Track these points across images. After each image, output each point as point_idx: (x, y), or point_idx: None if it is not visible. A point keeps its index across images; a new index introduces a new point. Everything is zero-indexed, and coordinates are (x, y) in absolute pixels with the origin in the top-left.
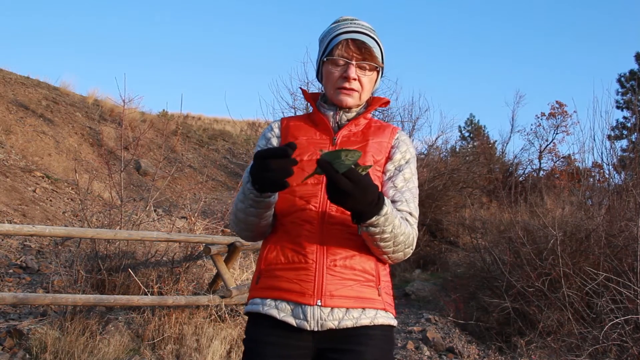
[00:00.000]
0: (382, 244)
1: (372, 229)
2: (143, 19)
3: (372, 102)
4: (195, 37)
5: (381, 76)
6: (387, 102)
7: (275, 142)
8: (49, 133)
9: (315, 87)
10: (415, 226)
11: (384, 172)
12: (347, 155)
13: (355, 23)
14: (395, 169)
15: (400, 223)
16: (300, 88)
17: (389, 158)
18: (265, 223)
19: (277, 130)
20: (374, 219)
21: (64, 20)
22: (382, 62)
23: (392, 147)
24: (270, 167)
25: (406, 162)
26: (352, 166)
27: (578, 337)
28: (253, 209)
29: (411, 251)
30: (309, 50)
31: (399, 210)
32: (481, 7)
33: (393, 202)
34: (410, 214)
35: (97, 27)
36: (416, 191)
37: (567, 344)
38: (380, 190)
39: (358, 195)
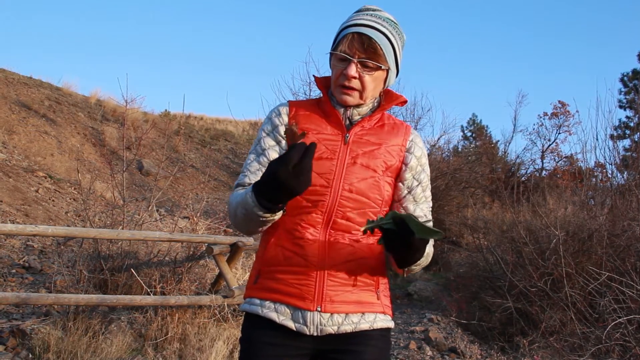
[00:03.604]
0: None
1: (413, 267)
2: (145, 19)
3: (388, 99)
4: (197, 38)
5: (397, 74)
6: (404, 102)
7: (282, 130)
8: (52, 133)
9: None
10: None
11: (399, 180)
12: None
13: (372, 15)
14: (414, 177)
15: (427, 252)
16: (314, 76)
17: (403, 163)
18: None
19: (285, 117)
20: (418, 261)
21: (66, 20)
22: (396, 60)
23: (406, 151)
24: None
25: (422, 169)
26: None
27: (581, 337)
28: (258, 224)
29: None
30: (310, 50)
31: None
32: (483, 7)
33: None
34: None
35: (99, 27)
36: (430, 194)
37: (569, 344)
38: (391, 195)
39: (422, 251)
